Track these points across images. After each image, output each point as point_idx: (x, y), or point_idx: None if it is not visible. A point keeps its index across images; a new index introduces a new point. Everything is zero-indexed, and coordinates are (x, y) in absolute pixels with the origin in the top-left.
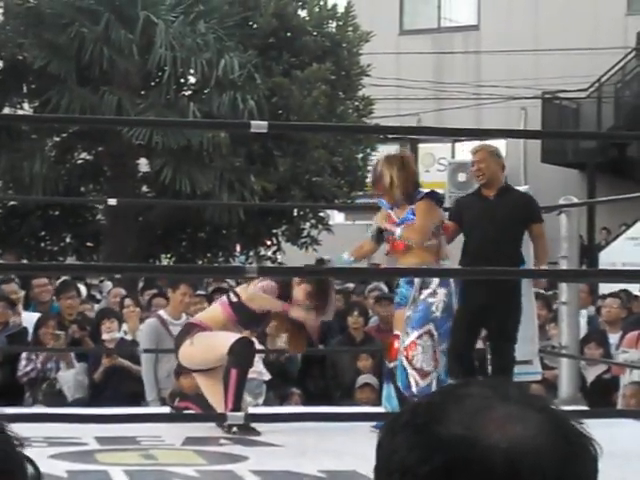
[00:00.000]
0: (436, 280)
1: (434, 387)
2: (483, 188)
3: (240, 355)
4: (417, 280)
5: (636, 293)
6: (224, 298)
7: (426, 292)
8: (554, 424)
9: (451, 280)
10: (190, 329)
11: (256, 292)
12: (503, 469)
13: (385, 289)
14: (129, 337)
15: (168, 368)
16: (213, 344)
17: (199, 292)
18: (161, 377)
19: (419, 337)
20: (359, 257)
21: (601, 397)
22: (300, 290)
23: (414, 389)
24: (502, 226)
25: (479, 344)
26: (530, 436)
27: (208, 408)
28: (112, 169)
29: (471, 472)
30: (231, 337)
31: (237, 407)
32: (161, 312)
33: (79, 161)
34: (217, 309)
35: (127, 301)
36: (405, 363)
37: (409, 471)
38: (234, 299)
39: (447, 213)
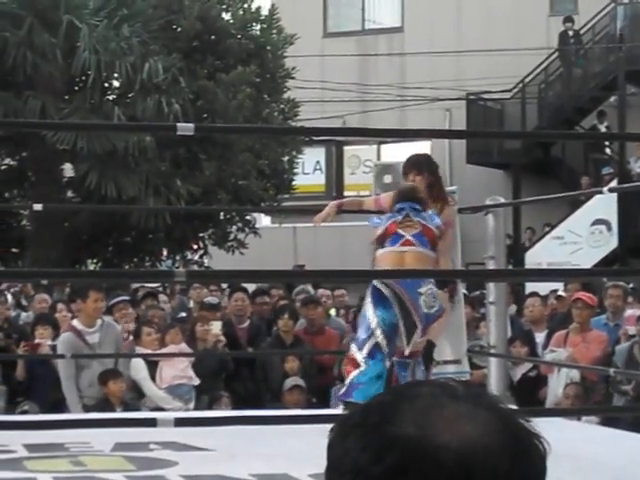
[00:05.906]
0: None
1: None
2: None
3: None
4: None
5: (560, 293)
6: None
7: None
8: (503, 422)
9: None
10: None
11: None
12: (454, 468)
13: (312, 291)
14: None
15: (90, 377)
16: None
17: (124, 298)
18: (83, 387)
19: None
20: None
21: (528, 395)
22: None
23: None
24: None
25: None
26: (480, 434)
27: None
28: (36, 174)
29: (423, 471)
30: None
31: None
32: (74, 323)
33: (3, 166)
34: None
35: (60, 306)
36: None
37: (362, 472)
38: None
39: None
